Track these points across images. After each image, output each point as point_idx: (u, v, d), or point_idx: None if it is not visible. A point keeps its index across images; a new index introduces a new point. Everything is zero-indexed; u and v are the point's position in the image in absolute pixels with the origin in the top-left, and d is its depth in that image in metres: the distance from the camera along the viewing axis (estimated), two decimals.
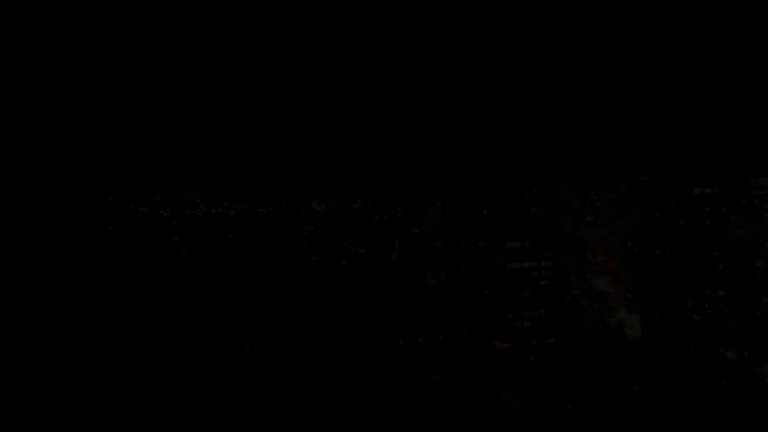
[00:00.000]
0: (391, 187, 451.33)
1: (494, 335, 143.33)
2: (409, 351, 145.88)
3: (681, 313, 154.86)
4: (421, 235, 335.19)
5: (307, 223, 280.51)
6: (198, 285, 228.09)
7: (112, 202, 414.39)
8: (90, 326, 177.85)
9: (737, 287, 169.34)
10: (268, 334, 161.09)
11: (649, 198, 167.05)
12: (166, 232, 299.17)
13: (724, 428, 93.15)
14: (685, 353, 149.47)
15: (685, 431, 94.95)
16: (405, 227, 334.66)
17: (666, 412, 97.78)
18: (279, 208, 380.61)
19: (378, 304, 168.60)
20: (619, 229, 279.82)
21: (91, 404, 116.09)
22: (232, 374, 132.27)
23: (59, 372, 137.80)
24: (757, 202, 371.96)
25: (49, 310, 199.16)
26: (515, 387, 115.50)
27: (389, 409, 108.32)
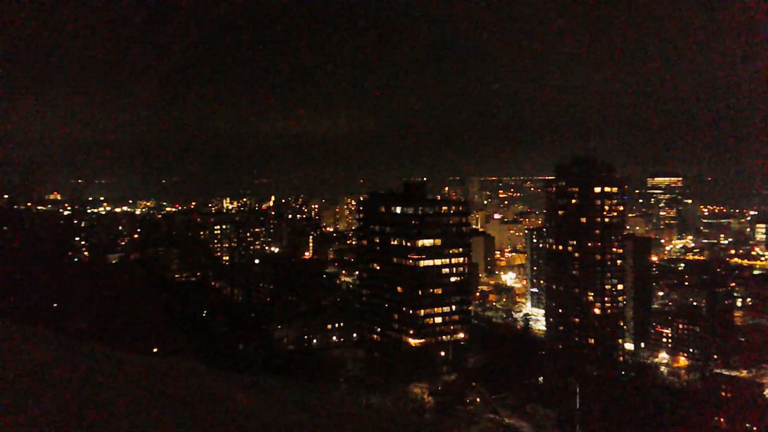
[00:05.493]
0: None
1: (407, 332, 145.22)
2: (322, 349, 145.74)
3: (582, 307, 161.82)
4: (335, 232, 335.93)
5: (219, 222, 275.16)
6: None
7: None
8: None
9: (635, 281, 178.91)
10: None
11: (553, 196, 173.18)
12: None
13: (622, 415, 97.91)
14: (586, 345, 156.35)
15: (587, 419, 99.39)
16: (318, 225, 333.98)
17: (569, 401, 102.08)
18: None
19: (291, 302, 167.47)
20: (525, 227, 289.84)
21: None
22: None
23: None
24: (653, 201, 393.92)
25: None
26: (426, 383, 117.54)
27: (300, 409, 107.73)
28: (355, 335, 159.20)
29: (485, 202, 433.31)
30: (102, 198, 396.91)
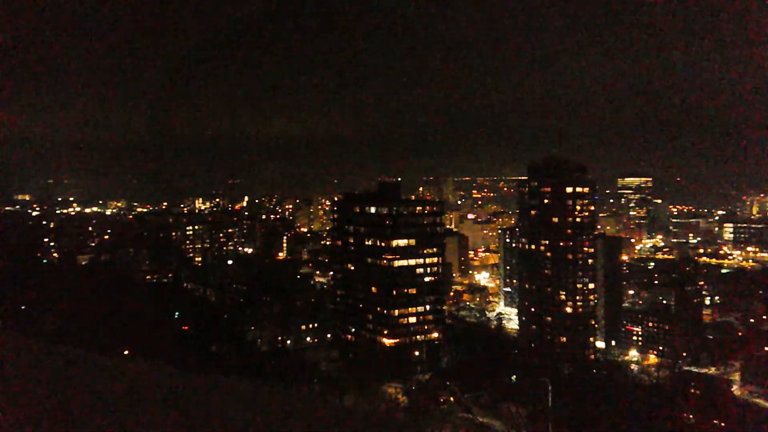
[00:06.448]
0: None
1: (381, 332, 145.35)
2: (297, 350, 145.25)
3: (554, 306, 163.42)
4: (309, 233, 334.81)
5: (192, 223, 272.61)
6: None
7: None
8: None
9: (606, 280, 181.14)
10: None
11: (525, 196, 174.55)
12: None
13: (594, 413, 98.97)
14: (558, 343, 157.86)
15: (560, 417, 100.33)
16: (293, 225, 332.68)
17: (541, 399, 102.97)
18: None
19: (265, 303, 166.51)
20: (498, 227, 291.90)
21: None
22: None
23: None
24: (623, 201, 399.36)
25: None
26: (401, 382, 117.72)
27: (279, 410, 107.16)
28: (329, 336, 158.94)
29: (459, 202, 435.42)
30: (72, 198, 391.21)
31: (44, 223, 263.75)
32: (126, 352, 70.47)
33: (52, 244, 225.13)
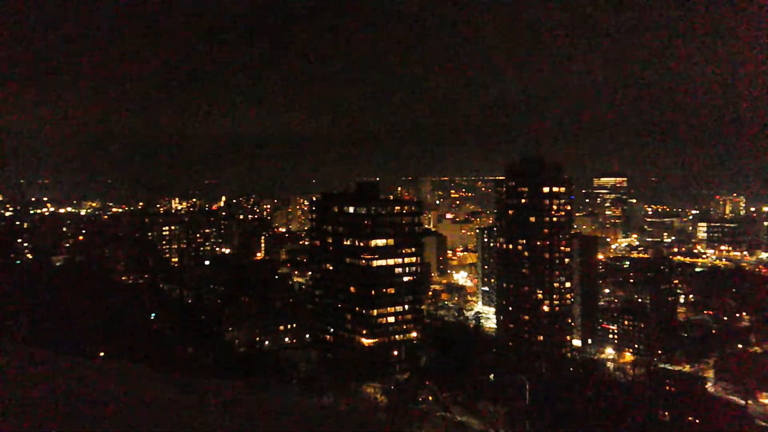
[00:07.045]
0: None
1: (360, 332, 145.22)
2: (275, 351, 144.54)
3: (531, 304, 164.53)
4: (287, 233, 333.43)
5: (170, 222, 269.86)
6: None
7: None
8: None
9: (582, 279, 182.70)
10: None
11: (503, 196, 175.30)
12: None
13: (570, 411, 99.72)
14: (535, 342, 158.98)
15: (537, 415, 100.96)
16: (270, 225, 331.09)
17: (519, 397, 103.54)
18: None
19: (243, 304, 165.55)
20: (476, 226, 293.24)
21: None
22: None
23: None
24: (599, 200, 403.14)
25: None
26: (379, 382, 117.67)
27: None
28: (308, 336, 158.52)
29: (437, 201, 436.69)
30: (45, 198, 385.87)
31: (17, 223, 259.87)
32: (102, 354, 69.69)
33: (25, 244, 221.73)
